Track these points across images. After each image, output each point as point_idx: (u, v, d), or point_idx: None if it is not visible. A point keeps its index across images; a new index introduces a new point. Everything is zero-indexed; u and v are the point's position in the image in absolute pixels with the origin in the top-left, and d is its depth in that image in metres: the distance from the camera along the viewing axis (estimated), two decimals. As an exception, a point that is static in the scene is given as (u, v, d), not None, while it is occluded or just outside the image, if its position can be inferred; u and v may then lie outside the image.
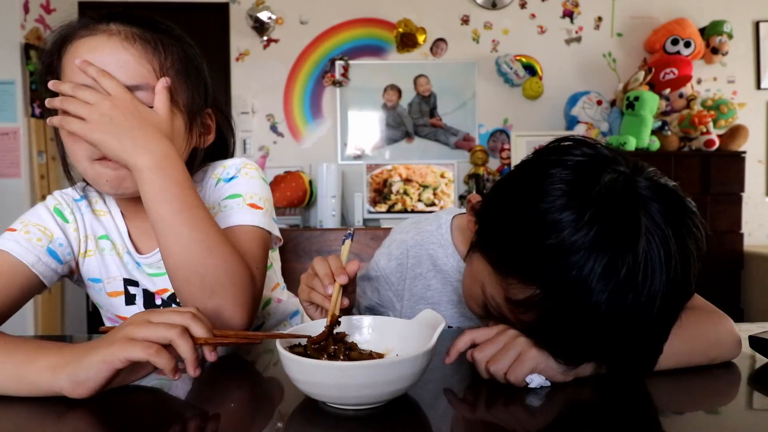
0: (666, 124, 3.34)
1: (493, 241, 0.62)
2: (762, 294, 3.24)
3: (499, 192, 0.63)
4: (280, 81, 3.61)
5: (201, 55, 0.82)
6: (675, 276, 0.51)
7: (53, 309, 3.05)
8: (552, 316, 0.54)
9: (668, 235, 0.51)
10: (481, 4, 3.65)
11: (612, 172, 0.54)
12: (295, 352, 0.54)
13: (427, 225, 0.89)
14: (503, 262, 0.59)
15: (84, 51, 0.72)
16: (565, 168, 0.55)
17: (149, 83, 0.73)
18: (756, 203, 3.67)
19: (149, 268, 0.85)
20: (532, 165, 0.61)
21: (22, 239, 0.77)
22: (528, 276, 0.55)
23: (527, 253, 0.55)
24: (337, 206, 3.28)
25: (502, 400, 0.55)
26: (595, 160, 0.56)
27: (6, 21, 2.98)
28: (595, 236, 0.50)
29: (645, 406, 0.55)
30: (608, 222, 0.51)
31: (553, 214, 0.52)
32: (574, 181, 0.54)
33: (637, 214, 0.51)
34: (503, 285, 0.59)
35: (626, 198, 0.52)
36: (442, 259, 0.85)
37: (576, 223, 0.51)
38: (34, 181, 3.04)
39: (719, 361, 0.65)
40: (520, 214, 0.56)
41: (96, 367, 0.53)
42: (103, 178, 0.74)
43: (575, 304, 0.52)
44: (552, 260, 0.52)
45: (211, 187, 0.86)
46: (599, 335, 0.53)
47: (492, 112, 3.69)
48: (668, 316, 0.54)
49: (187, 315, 0.56)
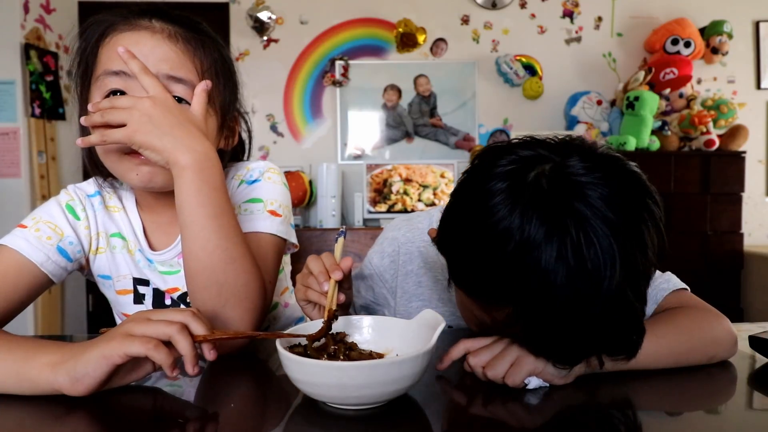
0: (666, 124, 3.34)
1: (459, 273, 0.61)
2: (762, 294, 3.24)
3: (448, 224, 0.61)
4: (280, 81, 3.61)
5: (233, 58, 0.83)
6: (625, 252, 0.49)
7: (53, 309, 3.05)
8: (533, 324, 0.53)
9: (609, 212, 0.50)
10: (481, 4, 3.65)
11: (541, 165, 0.53)
12: (295, 352, 0.54)
13: (419, 222, 0.89)
14: (474, 293, 0.59)
15: (126, 44, 0.71)
16: (496, 181, 0.54)
17: (191, 80, 0.74)
18: (756, 203, 3.66)
19: (161, 265, 0.84)
20: (464, 192, 0.59)
21: (32, 237, 0.77)
22: (498, 298, 0.55)
23: (488, 275, 0.53)
24: (337, 206, 3.28)
25: (502, 400, 0.55)
26: (519, 164, 0.54)
27: (6, 21, 2.98)
28: (537, 233, 0.49)
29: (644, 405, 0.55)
30: (549, 215, 0.50)
31: (502, 223, 0.51)
32: (508, 189, 0.52)
33: (569, 200, 0.50)
34: (485, 309, 0.60)
35: (561, 187, 0.51)
36: (432, 257, 0.85)
37: (522, 226, 0.50)
38: (34, 181, 3.04)
39: (717, 360, 0.65)
40: (470, 235, 0.55)
41: (95, 363, 0.53)
42: (133, 172, 0.73)
43: (545, 306, 0.50)
44: (514, 269, 0.51)
45: (233, 188, 0.86)
46: (577, 329, 0.51)
47: (492, 112, 3.69)
48: (635, 294, 0.52)
49: (187, 313, 0.56)
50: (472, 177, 0.59)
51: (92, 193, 0.86)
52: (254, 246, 0.77)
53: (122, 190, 0.87)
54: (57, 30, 3.29)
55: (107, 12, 0.76)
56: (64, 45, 3.37)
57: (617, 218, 0.50)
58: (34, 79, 3.05)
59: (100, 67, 0.74)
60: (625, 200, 0.51)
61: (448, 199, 0.62)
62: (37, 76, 3.07)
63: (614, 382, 0.59)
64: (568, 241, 0.49)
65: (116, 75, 0.72)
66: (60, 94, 3.28)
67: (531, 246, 0.50)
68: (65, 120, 3.33)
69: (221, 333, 0.57)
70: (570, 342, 0.54)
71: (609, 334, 0.53)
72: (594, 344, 0.55)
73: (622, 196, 0.51)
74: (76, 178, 3.51)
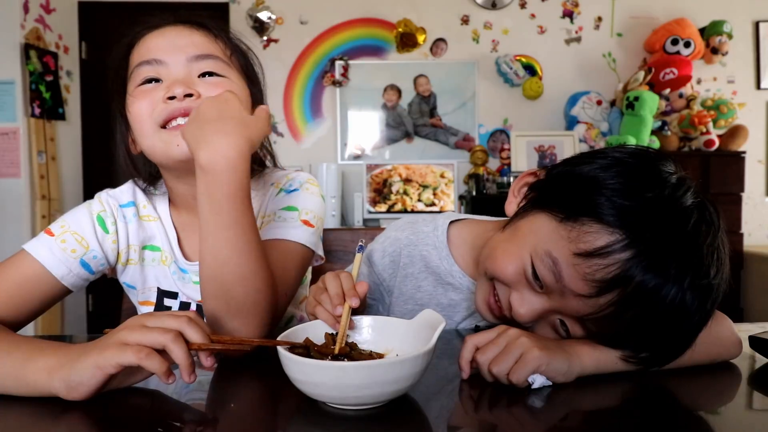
0: (666, 124, 3.34)
1: (569, 193, 0.62)
2: (762, 294, 3.24)
3: (575, 158, 0.66)
4: (279, 81, 3.61)
5: (259, 62, 0.88)
6: (724, 274, 0.58)
7: (53, 309, 3.04)
8: (633, 266, 0.55)
9: (721, 238, 0.59)
10: (481, 4, 3.65)
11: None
12: (296, 353, 0.54)
13: (423, 226, 0.88)
14: (581, 209, 0.59)
15: (153, 37, 0.76)
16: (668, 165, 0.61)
17: (218, 55, 0.77)
18: (756, 203, 3.67)
19: (196, 276, 0.82)
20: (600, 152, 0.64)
21: (56, 249, 0.76)
22: (616, 220, 0.56)
23: (629, 199, 0.57)
24: (337, 206, 3.28)
25: (502, 401, 0.55)
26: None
27: (6, 21, 2.98)
28: (692, 199, 0.58)
29: (645, 406, 0.55)
30: (700, 202, 0.58)
31: (655, 170, 0.59)
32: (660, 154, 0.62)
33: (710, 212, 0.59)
34: (572, 237, 0.59)
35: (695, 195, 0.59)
36: (435, 261, 0.85)
37: (677, 183, 0.58)
38: (34, 181, 3.04)
39: (720, 360, 0.65)
40: (625, 166, 0.60)
41: (89, 372, 0.52)
42: (173, 144, 0.73)
43: (658, 260, 0.54)
44: (653, 210, 0.56)
45: (271, 196, 0.86)
46: (661, 309, 0.55)
47: (492, 112, 3.69)
48: (712, 305, 0.58)
49: (183, 319, 0.55)
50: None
51: (126, 203, 0.85)
52: (281, 253, 0.76)
53: (157, 197, 0.87)
54: (57, 30, 3.30)
55: (135, 25, 0.81)
56: (64, 45, 3.37)
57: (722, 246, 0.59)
58: (34, 79, 3.05)
59: (133, 65, 0.77)
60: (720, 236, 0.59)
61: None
62: (37, 76, 3.07)
63: (615, 383, 0.59)
64: (713, 230, 0.58)
65: (148, 64, 0.75)
66: (60, 94, 3.28)
67: (681, 208, 0.57)
68: (65, 120, 3.33)
69: (218, 338, 0.57)
70: (640, 323, 0.57)
71: (674, 336, 0.58)
72: (656, 338, 0.58)
73: (717, 231, 0.59)
74: (76, 178, 3.52)
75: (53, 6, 3.26)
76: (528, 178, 0.72)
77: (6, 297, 0.72)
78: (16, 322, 0.73)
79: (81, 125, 3.54)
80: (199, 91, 0.74)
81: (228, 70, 0.78)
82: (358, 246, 0.68)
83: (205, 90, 0.75)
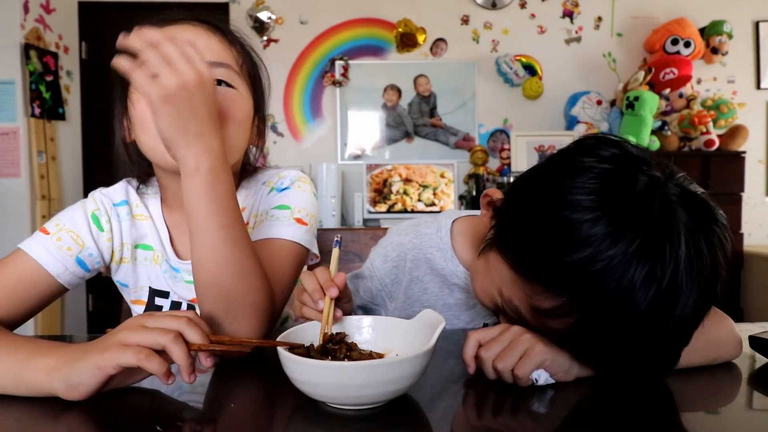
0: (666, 124, 3.34)
1: (515, 244, 0.59)
2: (762, 294, 3.24)
3: (523, 193, 0.61)
4: (280, 81, 3.60)
5: (267, 71, 0.87)
6: (707, 282, 0.52)
7: (53, 309, 3.04)
8: (583, 326, 0.53)
9: (701, 242, 0.51)
10: (481, 4, 3.65)
11: (645, 177, 0.53)
12: (296, 353, 0.54)
13: (426, 228, 0.88)
14: (527, 268, 0.57)
15: (171, 31, 0.74)
16: (592, 176, 0.54)
17: (231, 65, 0.76)
18: (756, 203, 3.67)
19: (188, 274, 0.83)
20: (557, 168, 0.58)
21: (52, 246, 0.77)
22: (556, 286, 0.54)
23: (555, 263, 0.53)
24: (337, 206, 3.28)
25: (502, 400, 0.55)
26: (624, 164, 0.55)
27: (6, 21, 2.98)
28: (634, 247, 0.49)
29: (645, 406, 0.55)
30: (646, 232, 0.50)
31: (585, 227, 0.51)
32: (604, 191, 0.52)
33: (673, 221, 0.51)
34: (526, 291, 0.58)
35: (661, 205, 0.52)
36: (440, 263, 0.85)
37: (612, 236, 0.50)
38: (34, 181, 3.04)
39: (720, 362, 0.65)
40: (547, 222, 0.54)
41: (89, 373, 0.52)
42: None
43: (611, 314, 0.51)
44: (586, 273, 0.51)
45: (263, 195, 0.85)
46: (633, 342, 0.53)
47: (492, 112, 3.69)
48: (698, 321, 0.54)
49: (183, 320, 0.55)
50: (560, 160, 0.59)
51: (119, 202, 0.85)
52: (273, 252, 0.76)
53: (149, 197, 0.87)
54: (57, 30, 3.29)
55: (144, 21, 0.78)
56: (64, 45, 3.37)
57: (706, 246, 0.52)
58: (34, 79, 3.05)
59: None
60: (709, 232, 0.53)
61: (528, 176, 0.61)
62: (36, 76, 3.07)
63: (615, 384, 0.59)
64: (666, 263, 0.49)
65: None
66: (60, 94, 3.28)
67: (616, 260, 0.50)
68: (65, 120, 3.33)
69: (218, 338, 0.57)
70: (618, 352, 0.54)
71: (659, 353, 0.55)
72: (640, 359, 0.55)
73: (706, 227, 0.53)
74: (76, 178, 3.52)
75: (53, 6, 3.26)
76: (488, 198, 0.70)
77: (3, 296, 0.72)
78: (14, 321, 0.73)
79: (81, 125, 3.54)
80: None
81: (237, 81, 0.78)
82: (334, 241, 0.69)
83: None
